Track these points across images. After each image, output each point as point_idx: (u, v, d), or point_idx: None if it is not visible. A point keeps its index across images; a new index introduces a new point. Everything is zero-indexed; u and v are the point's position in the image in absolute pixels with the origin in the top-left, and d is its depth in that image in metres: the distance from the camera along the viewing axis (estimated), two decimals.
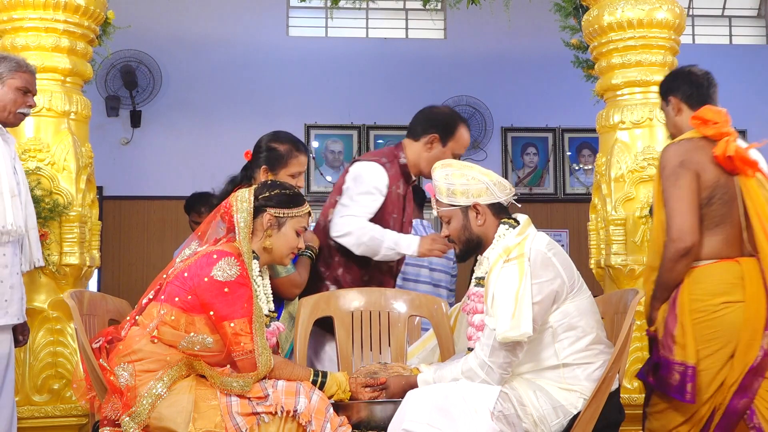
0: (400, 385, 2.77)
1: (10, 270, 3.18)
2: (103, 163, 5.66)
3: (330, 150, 7.86)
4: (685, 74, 3.21)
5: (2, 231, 3.10)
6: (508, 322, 2.52)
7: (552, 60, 6.11)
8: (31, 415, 3.72)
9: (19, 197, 3.21)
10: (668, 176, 2.97)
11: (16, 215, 3.15)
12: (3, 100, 3.21)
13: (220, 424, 2.51)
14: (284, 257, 2.85)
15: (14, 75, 3.22)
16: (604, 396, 2.60)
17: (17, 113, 3.26)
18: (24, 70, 3.25)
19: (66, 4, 3.90)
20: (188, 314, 2.62)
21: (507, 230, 2.73)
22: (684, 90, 3.15)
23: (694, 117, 3.04)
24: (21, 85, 3.23)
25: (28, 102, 3.28)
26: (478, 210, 2.76)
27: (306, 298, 3.24)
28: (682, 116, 3.14)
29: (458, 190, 2.77)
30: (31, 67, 3.32)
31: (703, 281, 2.91)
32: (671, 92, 3.19)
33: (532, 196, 7.66)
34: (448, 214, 2.79)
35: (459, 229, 2.78)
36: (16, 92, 3.23)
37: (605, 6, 4.14)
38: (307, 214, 2.86)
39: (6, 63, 3.23)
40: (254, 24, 7.77)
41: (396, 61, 7.76)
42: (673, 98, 3.17)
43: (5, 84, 3.21)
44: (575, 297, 2.65)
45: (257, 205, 2.78)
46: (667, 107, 3.19)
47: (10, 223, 3.12)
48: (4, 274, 3.15)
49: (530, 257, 2.60)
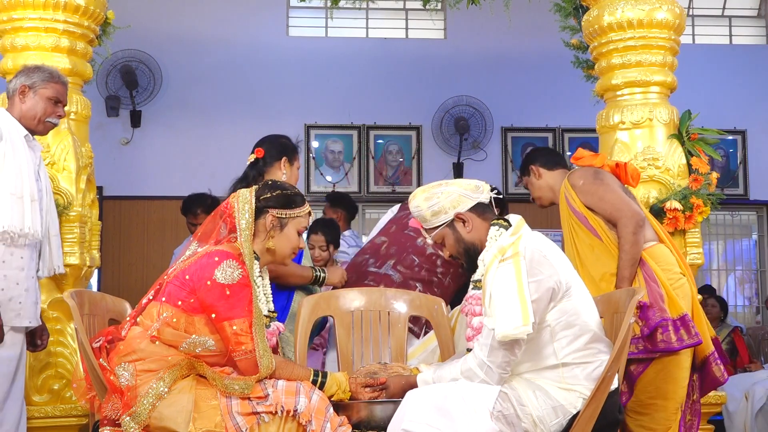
0: (400, 385, 2.77)
1: (26, 273, 3.24)
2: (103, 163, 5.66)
3: (330, 150, 7.86)
4: (541, 149, 4.03)
5: (20, 234, 3.16)
6: (506, 321, 2.52)
7: (552, 60, 6.10)
8: (31, 415, 3.71)
9: (40, 203, 3.27)
10: (590, 184, 3.52)
11: (35, 220, 3.21)
12: (34, 109, 3.30)
13: (221, 424, 2.51)
14: (286, 257, 2.86)
15: (46, 85, 3.31)
16: (604, 395, 2.60)
17: (46, 122, 3.34)
18: (56, 81, 3.34)
19: (66, 4, 3.90)
20: (188, 315, 2.62)
21: (498, 231, 2.73)
22: (541, 159, 3.76)
23: (573, 158, 3.73)
24: (52, 95, 3.32)
25: (57, 112, 3.35)
26: (463, 218, 2.78)
27: (306, 298, 3.24)
28: (544, 179, 3.73)
29: (435, 209, 2.80)
30: (63, 78, 3.40)
31: (658, 257, 3.45)
32: (531, 162, 3.75)
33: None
34: (440, 236, 2.82)
35: (454, 244, 2.81)
36: (47, 102, 3.31)
37: (605, 6, 4.14)
38: (308, 214, 2.87)
39: (39, 73, 3.32)
40: (254, 24, 7.77)
41: (396, 61, 7.76)
42: (533, 167, 3.73)
43: (37, 93, 3.30)
44: (572, 295, 2.65)
45: (259, 206, 2.79)
46: (530, 177, 3.75)
47: (27, 227, 3.17)
48: (19, 277, 3.21)
49: (525, 255, 2.60)
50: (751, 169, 8.13)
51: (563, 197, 3.61)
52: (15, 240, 3.17)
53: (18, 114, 3.29)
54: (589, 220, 3.51)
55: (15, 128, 3.26)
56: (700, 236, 4.12)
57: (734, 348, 6.62)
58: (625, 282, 3.36)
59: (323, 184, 7.76)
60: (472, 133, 7.77)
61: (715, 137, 4.24)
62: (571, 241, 3.59)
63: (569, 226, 3.60)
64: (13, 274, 3.18)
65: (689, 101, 4.43)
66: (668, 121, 4.10)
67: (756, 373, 6.13)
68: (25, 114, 3.29)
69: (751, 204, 8.17)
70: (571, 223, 3.58)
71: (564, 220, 3.63)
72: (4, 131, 3.20)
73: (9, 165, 3.16)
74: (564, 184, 3.62)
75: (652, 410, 3.37)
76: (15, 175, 3.17)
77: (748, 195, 8.10)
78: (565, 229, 3.64)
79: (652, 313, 3.31)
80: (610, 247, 3.46)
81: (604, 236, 3.48)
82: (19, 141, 3.23)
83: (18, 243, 3.18)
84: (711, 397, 3.94)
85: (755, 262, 8.42)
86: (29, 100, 3.29)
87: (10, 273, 3.18)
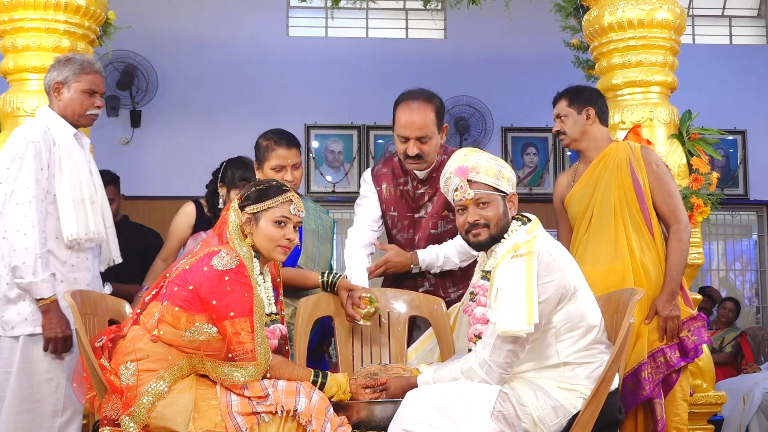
0: (400, 385, 2.77)
1: (91, 274, 3.29)
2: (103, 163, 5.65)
3: (330, 150, 7.86)
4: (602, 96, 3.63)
5: (85, 238, 3.20)
6: (510, 317, 2.52)
7: (552, 60, 6.09)
8: None
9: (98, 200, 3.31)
10: (665, 174, 3.43)
11: (97, 221, 3.25)
12: (71, 105, 3.28)
13: (220, 424, 2.52)
14: (271, 252, 2.77)
15: (79, 78, 3.28)
16: (604, 396, 2.60)
17: (87, 115, 3.32)
18: (88, 71, 3.30)
19: (67, 5, 3.90)
20: (189, 313, 2.61)
21: (519, 226, 2.73)
22: (602, 108, 3.53)
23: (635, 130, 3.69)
24: (86, 87, 3.29)
25: (95, 103, 3.33)
26: (513, 202, 2.76)
27: (306, 298, 3.24)
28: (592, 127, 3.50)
29: (506, 175, 2.75)
30: (95, 66, 3.35)
31: None
32: (591, 104, 3.51)
33: (532, 196, 7.66)
34: (488, 198, 2.71)
35: (500, 215, 2.71)
36: (82, 95, 3.28)
37: (605, 6, 4.14)
38: (287, 201, 2.77)
39: (70, 66, 3.28)
40: (254, 24, 7.76)
41: (396, 61, 7.75)
42: (591, 109, 3.49)
43: (71, 88, 3.28)
44: (578, 298, 2.65)
45: (240, 207, 2.79)
46: (577, 113, 3.51)
47: (92, 231, 3.22)
48: (87, 278, 3.26)
49: (538, 256, 2.60)
50: (751, 169, 8.12)
51: (625, 165, 3.42)
52: (82, 245, 3.21)
53: (59, 111, 3.28)
54: (647, 203, 3.40)
55: (63, 129, 3.26)
56: (701, 236, 4.12)
57: (740, 350, 6.65)
58: (676, 286, 3.35)
59: (323, 184, 7.76)
60: (472, 133, 7.77)
61: (716, 137, 4.24)
62: (608, 213, 3.42)
63: (618, 197, 3.41)
64: (82, 276, 3.24)
65: (689, 101, 4.43)
66: (668, 121, 4.10)
67: (754, 375, 6.13)
68: (64, 111, 3.28)
69: (751, 204, 8.17)
70: (623, 195, 3.41)
71: (608, 187, 3.42)
72: (56, 136, 3.21)
73: (66, 170, 3.19)
74: (629, 152, 3.44)
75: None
76: (74, 179, 3.20)
77: (748, 195, 8.09)
78: (602, 199, 3.44)
79: (702, 332, 3.37)
80: (653, 237, 3.40)
81: (654, 226, 3.41)
82: (70, 142, 3.24)
83: (83, 246, 3.23)
84: (711, 397, 3.95)
85: (755, 262, 8.42)
86: (65, 96, 3.28)
87: (79, 276, 3.23)
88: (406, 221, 3.46)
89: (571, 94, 3.56)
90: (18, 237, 3.05)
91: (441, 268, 3.38)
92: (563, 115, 3.55)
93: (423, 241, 3.43)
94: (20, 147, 3.13)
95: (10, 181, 3.10)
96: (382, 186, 3.47)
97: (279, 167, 3.32)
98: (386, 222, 3.49)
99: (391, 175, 3.48)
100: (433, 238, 3.43)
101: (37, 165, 3.12)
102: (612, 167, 3.44)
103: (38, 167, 3.12)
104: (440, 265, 3.36)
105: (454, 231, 3.36)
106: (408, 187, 3.45)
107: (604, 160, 3.48)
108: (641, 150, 3.47)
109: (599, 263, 3.38)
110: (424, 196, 3.44)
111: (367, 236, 3.46)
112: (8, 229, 3.07)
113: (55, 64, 3.32)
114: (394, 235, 3.50)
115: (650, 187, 3.41)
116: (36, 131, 3.18)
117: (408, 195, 3.46)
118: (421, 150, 3.30)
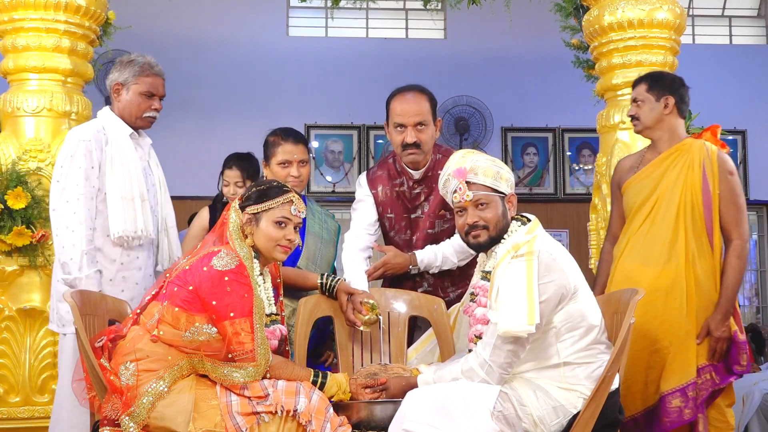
0: (400, 385, 2.77)
1: (143, 272, 3.32)
2: None
3: (330, 150, 7.87)
4: (686, 89, 3.40)
5: (134, 236, 3.23)
6: (511, 317, 2.52)
7: (552, 60, 6.11)
8: (31, 416, 3.72)
9: (152, 199, 3.34)
10: (737, 184, 3.27)
11: (146, 220, 3.28)
12: (128, 107, 3.32)
13: (220, 424, 2.52)
14: (271, 252, 2.78)
15: (138, 80, 3.31)
16: (604, 396, 2.60)
17: (144, 117, 3.35)
18: (147, 73, 3.33)
19: (67, 5, 3.90)
20: (189, 313, 2.61)
21: (518, 227, 2.73)
22: (683, 99, 3.36)
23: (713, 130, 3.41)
24: (145, 90, 3.32)
25: (153, 105, 3.36)
26: (512, 202, 2.77)
27: (306, 298, 3.23)
28: (669, 116, 3.33)
29: (505, 176, 2.75)
30: (155, 68, 3.37)
31: None
32: (674, 92, 3.33)
33: (532, 196, 7.67)
34: (487, 199, 2.71)
35: (499, 216, 2.72)
36: (141, 97, 3.32)
37: (605, 6, 4.14)
38: (288, 202, 2.78)
39: (131, 68, 3.32)
40: (254, 24, 7.77)
41: (396, 61, 7.76)
42: (671, 98, 3.31)
43: (130, 90, 3.32)
44: (578, 298, 2.65)
45: (241, 207, 2.79)
46: (656, 99, 3.32)
47: (140, 229, 3.24)
48: (137, 277, 3.29)
49: (539, 257, 2.60)
50: (751, 169, 8.13)
51: (698, 166, 3.25)
52: (130, 242, 3.24)
53: (118, 112, 3.33)
54: (713, 210, 3.24)
55: (120, 129, 3.30)
56: None
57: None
58: (731, 306, 3.24)
59: (323, 184, 7.77)
60: (472, 133, 7.77)
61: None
62: (669, 212, 3.26)
63: (684, 198, 3.25)
64: (131, 274, 3.27)
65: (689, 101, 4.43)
66: None
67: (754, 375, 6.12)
68: (122, 112, 3.33)
69: (751, 204, 8.17)
70: (690, 197, 3.25)
71: (675, 185, 3.26)
72: (110, 135, 3.25)
73: (117, 168, 3.22)
74: (704, 153, 3.25)
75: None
76: (124, 177, 3.22)
77: (748, 195, 8.10)
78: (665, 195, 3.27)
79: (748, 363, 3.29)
80: (711, 247, 3.26)
81: (716, 236, 3.26)
82: (125, 142, 3.27)
83: (133, 245, 3.25)
84: None
85: (755, 262, 8.42)
86: (123, 97, 3.32)
87: (128, 274, 3.26)
88: (404, 222, 3.46)
89: (652, 78, 3.38)
90: (66, 234, 3.13)
91: (439, 268, 3.37)
92: (640, 100, 3.36)
93: (421, 242, 3.43)
94: (72, 146, 3.21)
95: (63, 179, 3.18)
96: (377, 188, 3.47)
97: (285, 162, 3.33)
98: (383, 224, 3.49)
99: (387, 176, 3.48)
100: (430, 238, 3.42)
101: (88, 163, 3.18)
102: (683, 165, 3.28)
103: (88, 165, 3.18)
104: (439, 264, 3.36)
105: (451, 230, 3.36)
106: (404, 188, 3.45)
107: (675, 155, 3.31)
108: (717, 154, 3.28)
109: (651, 263, 3.25)
110: (420, 196, 3.44)
111: (364, 240, 3.45)
112: (59, 226, 3.16)
113: (117, 65, 3.37)
114: (392, 236, 3.49)
115: (720, 195, 3.25)
116: (88, 131, 3.25)
117: (404, 196, 3.46)
118: (419, 138, 3.30)
